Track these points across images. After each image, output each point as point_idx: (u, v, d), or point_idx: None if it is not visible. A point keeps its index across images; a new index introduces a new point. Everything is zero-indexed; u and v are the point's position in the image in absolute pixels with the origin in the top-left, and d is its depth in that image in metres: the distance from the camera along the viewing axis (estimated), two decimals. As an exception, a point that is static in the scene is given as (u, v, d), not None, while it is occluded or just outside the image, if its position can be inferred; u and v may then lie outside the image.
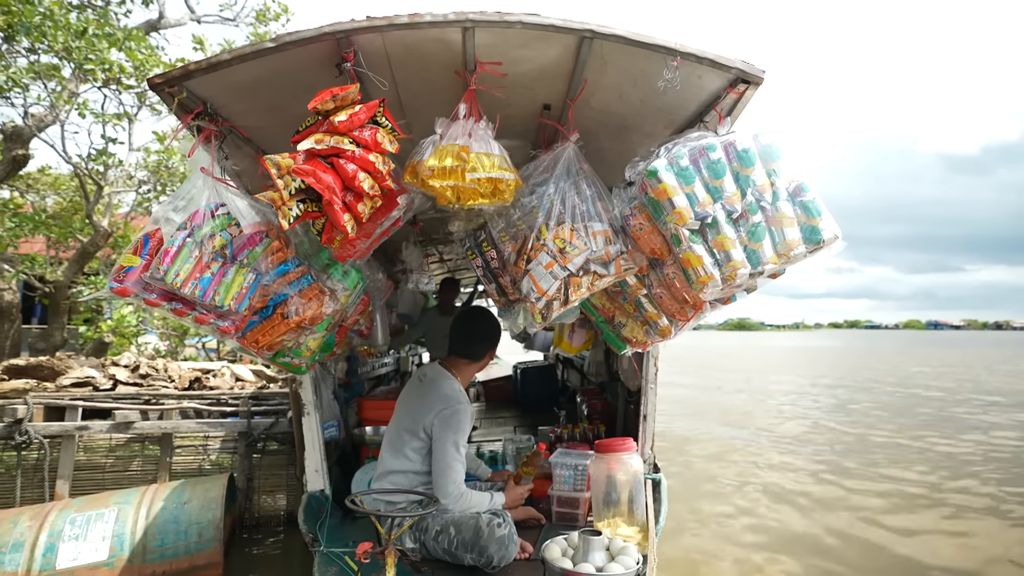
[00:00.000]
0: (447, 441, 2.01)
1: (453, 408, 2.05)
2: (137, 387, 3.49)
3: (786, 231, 1.33)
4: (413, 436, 2.07)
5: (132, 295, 1.51)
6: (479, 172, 1.39)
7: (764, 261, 1.32)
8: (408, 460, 2.08)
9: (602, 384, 4.49)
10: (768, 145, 1.39)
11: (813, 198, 1.35)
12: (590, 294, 1.60)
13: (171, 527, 2.70)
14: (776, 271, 1.37)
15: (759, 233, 1.32)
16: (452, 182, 1.40)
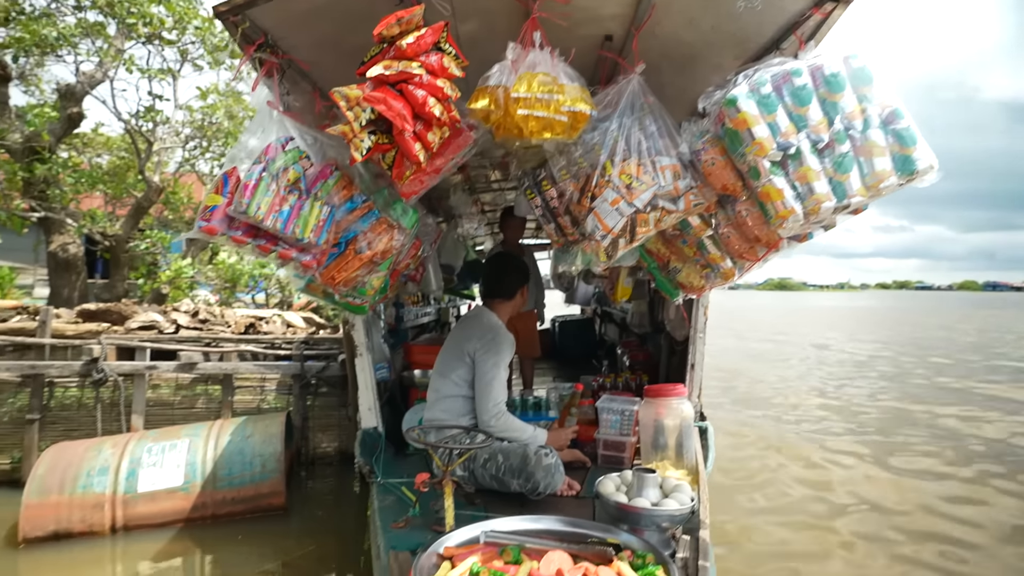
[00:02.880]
0: (487, 363, 2.19)
1: (493, 334, 2.26)
2: (197, 331, 3.68)
3: (876, 161, 1.25)
4: (460, 362, 2.26)
5: (219, 233, 1.56)
6: (566, 104, 1.36)
7: (850, 194, 1.26)
8: (455, 385, 2.27)
9: (644, 335, 4.48)
10: (860, 68, 1.30)
11: (908, 125, 1.26)
12: (657, 231, 1.57)
13: (237, 458, 2.88)
14: (861, 205, 1.30)
15: (846, 164, 1.25)
16: (541, 112, 1.36)
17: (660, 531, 1.70)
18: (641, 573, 1.23)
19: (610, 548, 1.33)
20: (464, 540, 1.46)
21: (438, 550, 1.38)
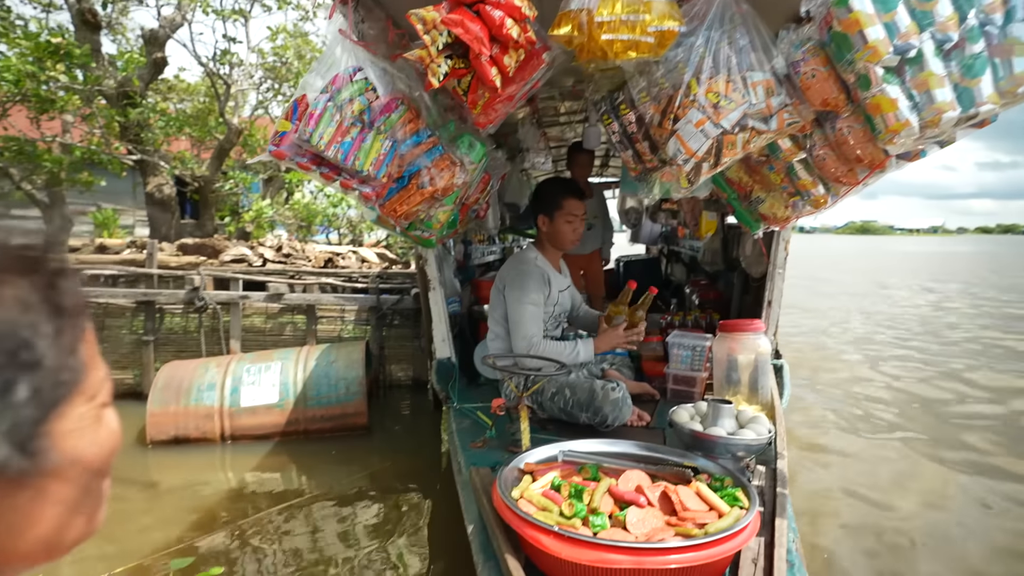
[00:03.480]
0: (512, 298, 2.21)
1: (519, 269, 2.26)
2: (282, 264, 3.93)
3: (1015, 62, 1.09)
4: (498, 300, 2.31)
5: (287, 159, 1.62)
6: (653, 24, 1.27)
7: (980, 101, 1.11)
8: (497, 324, 2.32)
9: (716, 274, 4.33)
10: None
11: (1063, 15, 1.08)
12: (744, 153, 1.48)
13: (323, 380, 3.12)
14: (990, 115, 1.15)
15: (978, 67, 1.10)
16: (626, 35, 1.28)
17: (735, 460, 1.71)
18: (720, 494, 1.25)
19: (688, 470, 1.36)
20: (543, 458, 1.53)
21: (519, 465, 1.47)
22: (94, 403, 0.43)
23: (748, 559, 1.21)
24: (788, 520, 1.38)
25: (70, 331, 0.41)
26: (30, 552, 0.41)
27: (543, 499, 1.23)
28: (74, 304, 0.41)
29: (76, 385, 0.41)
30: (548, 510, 1.19)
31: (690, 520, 1.15)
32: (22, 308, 0.38)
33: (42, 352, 0.38)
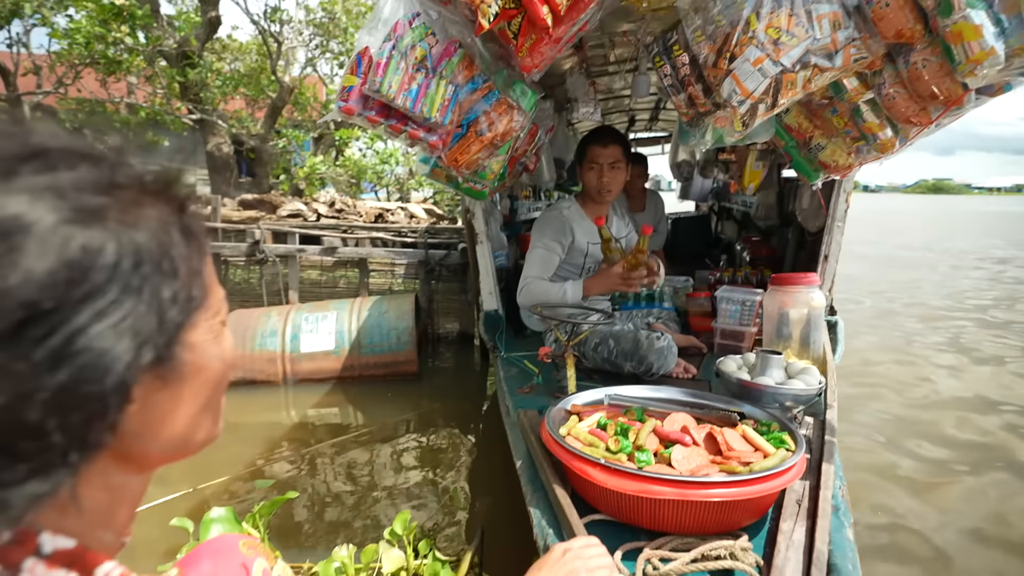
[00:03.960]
0: (530, 245, 2.29)
1: (541, 217, 2.35)
2: (335, 219, 4.07)
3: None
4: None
5: (356, 113, 1.66)
6: None
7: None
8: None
9: (769, 229, 4.19)
10: None
11: None
12: (804, 94, 1.41)
13: (376, 330, 3.27)
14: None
15: (1079, -15, 1.00)
16: None
17: (783, 410, 1.71)
18: (767, 437, 1.27)
19: (735, 414, 1.38)
20: (589, 401, 1.58)
21: (565, 407, 1.52)
22: (216, 319, 0.49)
23: (792, 500, 1.24)
24: (836, 468, 1.38)
25: (197, 252, 0.46)
26: (165, 449, 0.48)
27: (589, 436, 1.28)
28: (198, 228, 0.47)
29: (204, 300, 0.46)
30: (594, 446, 1.24)
31: (735, 459, 1.18)
32: (162, 226, 0.43)
33: (178, 265, 0.43)
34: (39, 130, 0.41)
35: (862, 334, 4.75)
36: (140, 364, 0.40)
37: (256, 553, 0.88)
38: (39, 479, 0.37)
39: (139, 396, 0.41)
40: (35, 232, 0.35)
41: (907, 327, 5.15)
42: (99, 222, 0.39)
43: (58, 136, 0.41)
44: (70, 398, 0.36)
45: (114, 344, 0.38)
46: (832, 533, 1.11)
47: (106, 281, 0.38)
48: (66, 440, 0.37)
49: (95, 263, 0.37)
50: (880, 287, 7.13)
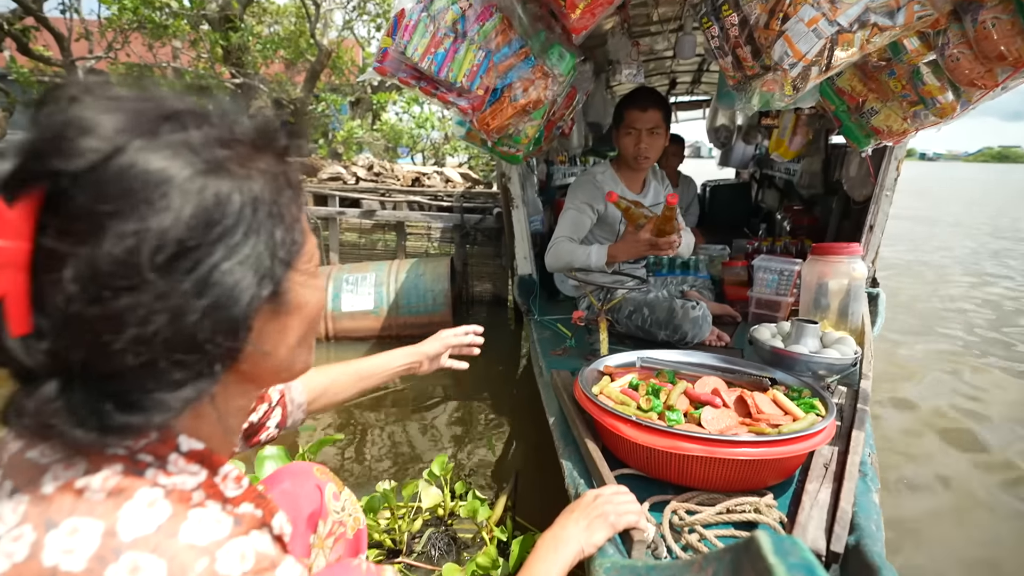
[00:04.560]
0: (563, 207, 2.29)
1: (575, 180, 2.32)
2: (373, 183, 4.14)
3: None
4: None
5: (390, 74, 1.69)
6: None
7: None
8: None
9: (813, 199, 4.06)
10: None
11: None
12: (861, 55, 1.36)
13: (413, 291, 3.37)
14: None
15: None
16: None
17: (816, 379, 1.71)
18: (798, 402, 1.29)
19: (766, 379, 1.40)
20: (622, 363, 1.62)
21: (598, 367, 1.57)
22: (311, 263, 0.57)
23: (819, 464, 1.26)
24: (866, 436, 1.39)
25: (296, 201, 0.52)
26: (273, 371, 0.57)
27: (621, 395, 1.33)
28: (296, 180, 0.53)
29: (303, 246, 0.53)
30: (626, 404, 1.29)
31: (764, 421, 1.21)
32: (271, 176, 0.49)
33: (284, 212, 0.50)
34: (169, 94, 0.48)
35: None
36: (261, 295, 0.47)
37: (327, 478, 1.02)
38: (190, 386, 0.46)
39: (257, 323, 0.50)
40: (177, 183, 0.42)
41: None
42: (225, 173, 0.45)
43: (184, 99, 0.48)
44: (213, 320, 0.44)
45: (242, 277, 0.45)
46: (858, 496, 1.14)
47: (234, 224, 0.45)
48: (210, 355, 0.46)
49: (225, 209, 0.44)
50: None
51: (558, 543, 0.87)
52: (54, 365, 0.42)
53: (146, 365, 0.43)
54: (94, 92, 0.44)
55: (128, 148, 0.41)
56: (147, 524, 0.42)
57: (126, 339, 0.41)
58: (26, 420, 0.43)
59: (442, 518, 1.79)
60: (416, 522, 1.73)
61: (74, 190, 0.40)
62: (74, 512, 0.42)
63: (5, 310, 0.40)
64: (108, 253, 0.40)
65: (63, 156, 0.40)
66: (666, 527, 1.06)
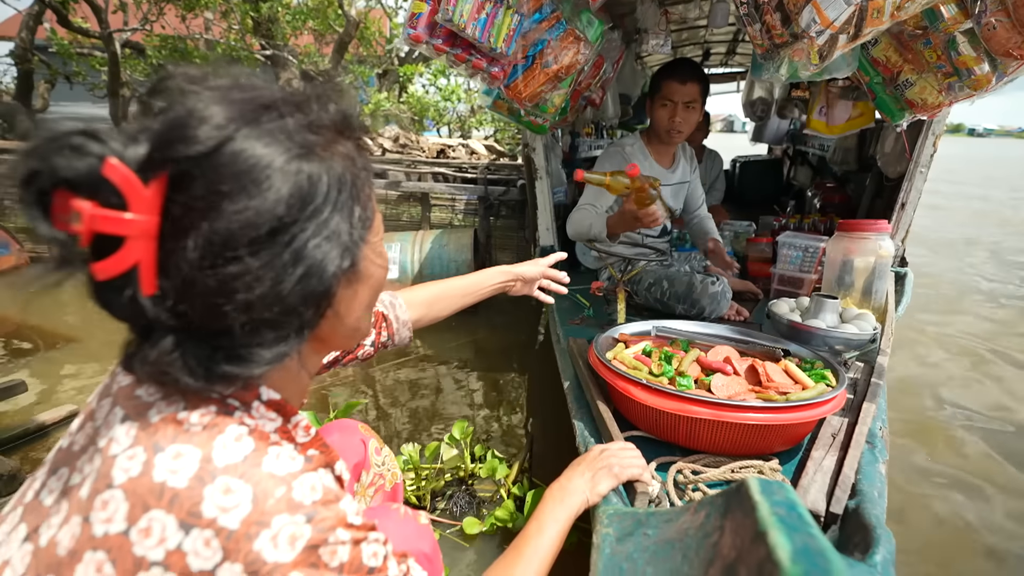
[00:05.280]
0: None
1: (604, 152, 2.29)
2: (399, 155, 4.18)
3: None
4: None
5: (423, 41, 1.71)
6: None
7: None
8: None
9: (845, 175, 3.95)
10: None
11: None
12: (892, 23, 1.33)
13: (436, 261, 3.43)
14: None
15: None
16: None
17: (832, 353, 1.72)
18: (809, 373, 1.31)
19: (779, 350, 1.42)
20: (637, 331, 1.65)
21: (614, 335, 1.60)
22: (378, 238, 0.64)
23: (828, 433, 1.29)
24: (878, 409, 1.40)
25: (368, 181, 0.59)
26: (342, 335, 0.65)
27: (634, 360, 1.36)
28: (368, 162, 0.60)
29: (372, 221, 0.60)
30: (638, 369, 1.32)
31: (773, 389, 1.23)
32: (350, 159, 0.56)
33: (360, 191, 0.56)
34: (263, 85, 0.54)
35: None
36: (342, 267, 0.54)
37: (370, 435, 1.13)
38: (283, 344, 0.53)
39: (336, 291, 0.57)
40: (277, 166, 0.49)
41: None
42: (315, 157, 0.52)
43: (274, 89, 0.54)
44: (304, 286, 0.51)
45: (329, 250, 0.52)
46: (864, 466, 1.16)
47: (323, 203, 0.51)
48: (300, 317, 0.53)
49: (316, 189, 0.51)
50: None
51: (565, 494, 0.93)
52: (173, 322, 0.49)
53: (249, 324, 0.50)
54: (200, 83, 0.51)
55: (237, 136, 0.48)
56: (236, 454, 0.50)
57: (235, 301, 0.48)
58: (147, 367, 0.50)
59: (463, 479, 1.87)
60: (439, 482, 1.82)
61: (194, 172, 0.46)
62: (176, 440, 0.49)
63: (139, 274, 0.46)
64: (223, 227, 0.46)
65: (186, 143, 0.46)
66: (670, 484, 1.10)
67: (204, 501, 0.47)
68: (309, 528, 0.49)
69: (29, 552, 0.50)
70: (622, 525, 0.80)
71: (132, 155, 0.46)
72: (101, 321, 3.61)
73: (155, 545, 0.47)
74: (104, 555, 0.47)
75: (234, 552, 0.47)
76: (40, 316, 3.43)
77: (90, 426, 0.55)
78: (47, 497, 0.53)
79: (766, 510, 0.52)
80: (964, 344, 3.53)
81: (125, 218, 0.45)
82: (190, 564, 0.47)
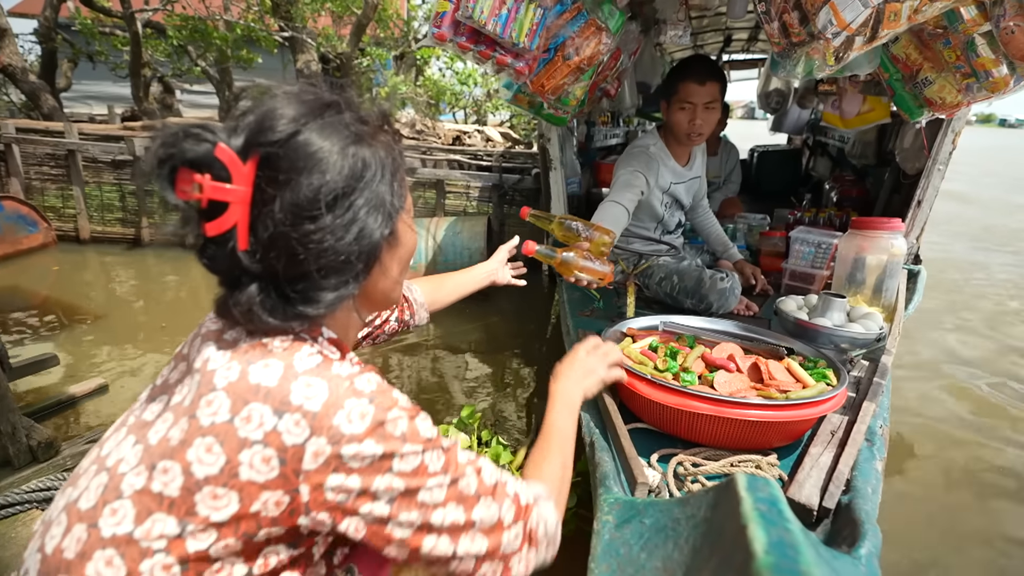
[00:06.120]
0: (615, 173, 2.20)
1: (627, 153, 2.21)
2: (415, 140, 4.21)
3: None
4: None
5: (448, 39, 1.73)
6: None
7: None
8: None
9: (864, 169, 3.91)
10: None
11: None
12: (909, 26, 1.33)
13: (451, 248, 3.48)
14: None
15: None
16: None
17: (838, 352, 1.74)
18: (811, 372, 1.34)
19: (783, 348, 1.45)
20: (644, 326, 1.69)
21: (621, 329, 1.64)
22: (409, 215, 0.77)
23: (827, 430, 1.32)
24: (880, 408, 1.43)
25: (402, 164, 0.73)
26: (380, 295, 0.78)
27: (640, 355, 1.41)
28: (401, 149, 0.74)
29: (405, 199, 0.74)
30: (644, 364, 1.37)
31: (774, 386, 1.27)
32: (389, 146, 0.71)
33: (397, 171, 0.71)
34: (322, 87, 0.69)
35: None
36: (385, 229, 0.68)
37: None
38: (343, 289, 0.68)
39: (382, 248, 0.71)
40: (337, 149, 0.64)
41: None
42: (364, 143, 0.67)
43: (328, 91, 0.69)
44: (359, 243, 0.66)
45: (376, 217, 0.67)
46: (861, 462, 1.20)
47: (372, 178, 0.66)
48: (356, 268, 0.68)
49: (367, 168, 0.66)
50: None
51: (569, 408, 1.05)
52: (259, 270, 0.63)
53: (319, 271, 0.64)
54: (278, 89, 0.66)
55: (305, 128, 0.63)
56: (310, 363, 0.64)
57: (308, 251, 0.62)
58: (236, 310, 0.64)
59: (469, 461, 1.94)
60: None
61: (277, 154, 0.61)
62: (264, 357, 0.64)
63: (237, 232, 0.60)
64: (300, 195, 0.61)
65: (270, 132, 0.62)
66: (670, 475, 1.15)
67: (292, 393, 0.61)
68: (372, 407, 0.63)
69: (140, 450, 0.63)
70: (621, 513, 0.85)
71: (235, 142, 0.61)
72: (124, 297, 3.72)
73: (255, 428, 0.60)
74: (212, 439, 0.60)
75: (318, 428, 0.60)
76: (68, 292, 3.56)
77: (183, 364, 0.69)
78: (149, 415, 0.66)
79: (749, 505, 0.57)
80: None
81: (229, 188, 0.59)
82: (285, 440, 0.60)
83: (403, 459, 0.63)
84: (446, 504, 0.66)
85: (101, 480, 0.62)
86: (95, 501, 0.61)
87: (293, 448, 0.60)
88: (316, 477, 0.60)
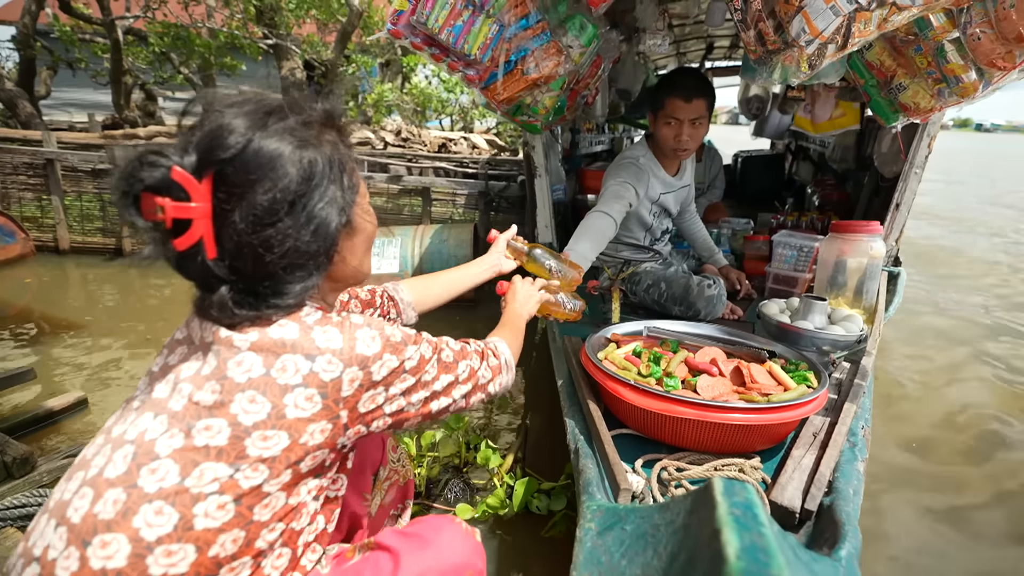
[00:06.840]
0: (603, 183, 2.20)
1: (616, 164, 2.21)
2: (401, 148, 4.21)
3: None
4: None
5: (403, 37, 1.73)
6: None
7: None
8: None
9: (844, 173, 3.97)
10: None
11: None
12: (879, 34, 1.36)
13: (436, 256, 3.47)
14: None
15: None
16: None
17: (820, 354, 1.76)
18: (792, 375, 1.35)
19: (765, 352, 1.46)
20: (629, 331, 1.70)
21: (606, 334, 1.65)
22: (364, 199, 0.85)
23: (809, 432, 1.33)
24: (862, 409, 1.45)
25: (351, 157, 0.80)
26: (350, 274, 0.85)
27: (624, 361, 1.41)
28: (349, 143, 0.81)
29: (358, 188, 0.81)
30: (627, 369, 1.37)
31: (756, 390, 1.28)
32: (336, 144, 0.76)
33: (346, 166, 0.77)
34: (265, 95, 0.74)
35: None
36: (341, 221, 0.76)
37: (388, 434, 1.19)
38: (308, 280, 0.74)
39: (339, 241, 0.78)
40: (286, 156, 0.70)
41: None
42: (311, 145, 0.72)
43: (274, 97, 0.74)
44: (317, 239, 0.73)
45: (330, 211, 0.73)
46: (843, 464, 1.21)
47: (321, 178, 0.72)
48: (317, 261, 0.74)
49: (316, 169, 0.72)
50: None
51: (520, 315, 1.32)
52: (228, 276, 0.69)
53: (284, 269, 0.71)
54: (220, 103, 0.71)
55: (255, 139, 0.68)
56: (316, 316, 0.75)
57: (271, 253, 0.69)
58: (212, 310, 0.70)
59: (459, 467, 1.93)
60: (435, 469, 1.88)
61: (230, 168, 0.67)
62: (276, 324, 0.72)
63: (204, 244, 0.66)
64: (258, 204, 0.67)
65: (222, 149, 0.67)
66: (654, 481, 1.15)
67: (314, 341, 0.71)
68: (375, 331, 0.76)
69: (165, 419, 0.67)
70: (603, 520, 0.85)
71: (188, 162, 0.66)
72: (105, 309, 3.64)
73: (293, 375, 0.69)
74: (254, 392, 0.68)
75: (348, 359, 0.72)
76: (47, 304, 3.49)
77: (182, 348, 0.75)
78: (161, 393, 0.71)
79: (724, 509, 0.57)
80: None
81: (191, 206, 0.65)
82: (323, 377, 0.71)
83: (409, 360, 0.80)
84: (439, 376, 0.86)
85: (126, 451, 0.66)
86: (127, 467, 0.65)
87: (332, 382, 0.71)
88: (352, 400, 0.73)
